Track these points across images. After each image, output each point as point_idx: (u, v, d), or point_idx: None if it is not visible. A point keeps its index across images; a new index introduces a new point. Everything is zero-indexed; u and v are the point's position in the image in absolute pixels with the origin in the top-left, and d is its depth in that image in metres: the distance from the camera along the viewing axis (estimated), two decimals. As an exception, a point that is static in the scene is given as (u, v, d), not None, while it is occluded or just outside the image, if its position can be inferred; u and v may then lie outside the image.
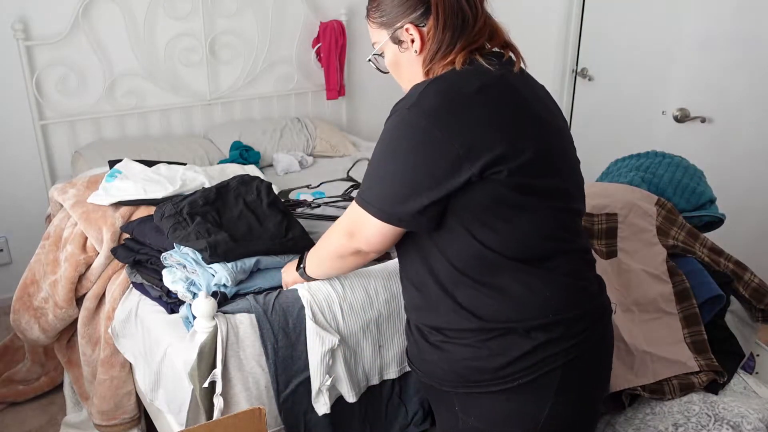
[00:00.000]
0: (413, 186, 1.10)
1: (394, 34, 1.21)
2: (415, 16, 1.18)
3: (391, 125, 1.14)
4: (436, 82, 1.12)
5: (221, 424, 1.22)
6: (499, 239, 1.12)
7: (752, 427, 1.54)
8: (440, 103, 1.09)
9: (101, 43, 2.83)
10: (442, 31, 1.15)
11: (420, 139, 1.09)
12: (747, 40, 2.53)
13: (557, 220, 1.16)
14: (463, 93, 1.10)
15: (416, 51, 1.19)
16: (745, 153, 2.68)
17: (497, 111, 1.10)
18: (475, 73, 1.13)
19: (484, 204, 1.10)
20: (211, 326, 1.45)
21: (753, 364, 1.95)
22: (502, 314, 1.14)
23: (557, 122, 1.22)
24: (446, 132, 1.07)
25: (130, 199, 2.08)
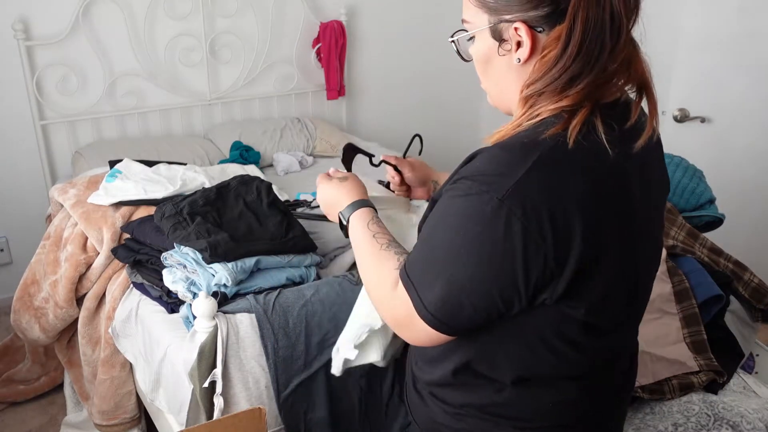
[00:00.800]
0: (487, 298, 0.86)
1: (498, 26, 0.88)
2: (534, 15, 0.84)
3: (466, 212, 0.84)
4: (541, 170, 0.81)
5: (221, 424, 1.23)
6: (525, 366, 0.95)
7: (752, 427, 1.54)
8: (544, 201, 0.80)
9: (101, 43, 2.83)
10: (573, 57, 0.81)
11: (514, 239, 0.81)
12: (747, 41, 2.53)
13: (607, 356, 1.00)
14: (568, 193, 0.81)
15: (519, 60, 0.87)
16: (745, 153, 2.68)
17: (598, 225, 0.83)
18: (587, 159, 0.83)
19: (540, 333, 0.91)
20: (211, 326, 1.45)
21: (753, 364, 1.95)
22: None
23: (656, 227, 0.99)
24: (545, 238, 0.81)
25: (131, 199, 2.08)
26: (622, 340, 1.02)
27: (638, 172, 0.89)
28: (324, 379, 1.51)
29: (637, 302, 0.99)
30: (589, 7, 0.80)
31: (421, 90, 3.80)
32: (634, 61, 0.87)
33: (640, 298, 1.00)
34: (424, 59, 3.70)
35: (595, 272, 0.85)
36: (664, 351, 1.71)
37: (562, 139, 0.82)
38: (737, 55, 2.56)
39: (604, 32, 0.81)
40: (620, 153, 0.85)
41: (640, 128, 0.89)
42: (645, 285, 1.00)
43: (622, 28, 0.82)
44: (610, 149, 0.83)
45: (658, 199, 0.98)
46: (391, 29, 3.60)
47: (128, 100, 2.96)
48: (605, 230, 0.84)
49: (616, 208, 0.85)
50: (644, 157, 0.90)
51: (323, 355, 1.51)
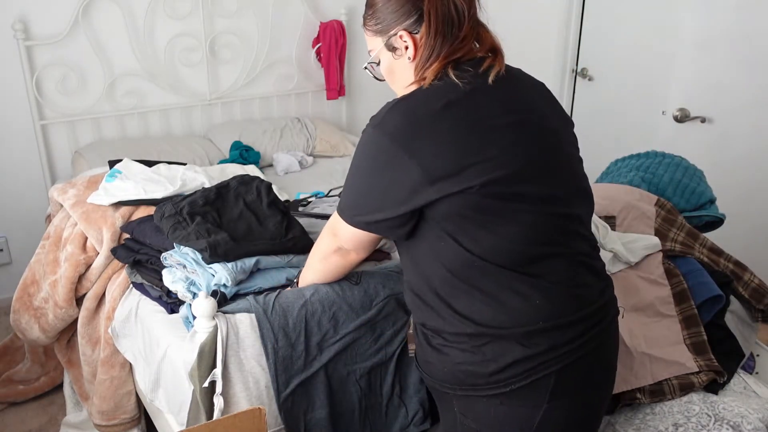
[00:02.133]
0: (376, 202, 1.16)
1: (389, 41, 1.22)
2: (408, 23, 1.19)
3: (360, 141, 1.19)
4: (401, 102, 1.15)
5: (221, 424, 1.23)
6: (482, 246, 1.13)
7: (752, 427, 1.54)
8: (403, 124, 1.11)
9: (101, 43, 2.83)
10: (434, 38, 1.17)
11: (381, 159, 1.13)
12: (747, 40, 2.53)
13: (544, 224, 1.15)
14: (426, 113, 1.12)
15: (410, 58, 1.21)
16: (745, 153, 2.68)
17: (459, 129, 1.11)
18: (442, 90, 1.14)
19: (460, 213, 1.12)
20: (211, 326, 1.45)
21: (753, 364, 1.95)
22: (494, 320, 1.14)
23: (545, 123, 1.20)
24: (408, 153, 1.10)
25: (130, 199, 2.08)
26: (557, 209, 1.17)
27: (500, 94, 1.16)
28: (324, 380, 1.51)
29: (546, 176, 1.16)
30: (438, 5, 1.16)
31: (421, 90, 3.80)
32: (482, 34, 1.22)
33: (547, 172, 1.17)
34: (424, 59, 3.70)
35: (461, 163, 1.09)
36: (664, 352, 1.71)
37: (421, 85, 1.17)
38: (737, 55, 2.56)
39: (451, 17, 1.17)
40: (474, 83, 1.14)
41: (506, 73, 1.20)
42: (548, 161, 1.17)
43: (464, 13, 1.18)
44: (460, 83, 1.14)
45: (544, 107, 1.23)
46: (391, 29, 3.60)
47: (128, 100, 2.96)
48: (468, 133, 1.10)
49: (473, 115, 1.12)
50: (512, 87, 1.19)
51: (323, 355, 1.51)
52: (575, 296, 1.17)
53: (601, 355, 1.22)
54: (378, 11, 1.23)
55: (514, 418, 1.18)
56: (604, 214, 1.92)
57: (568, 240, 1.19)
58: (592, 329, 1.18)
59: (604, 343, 1.23)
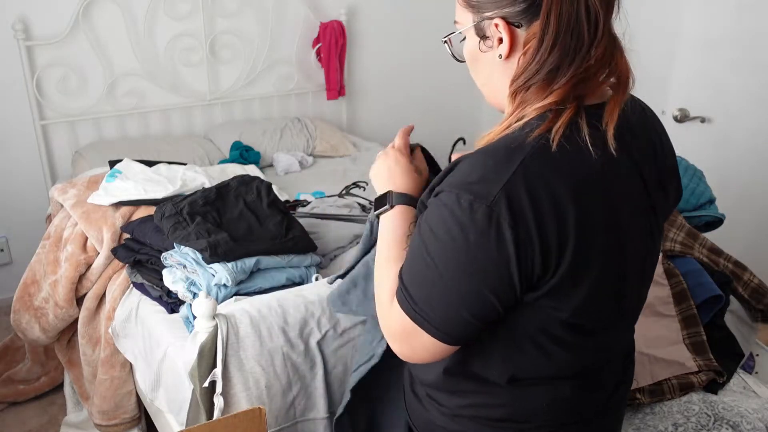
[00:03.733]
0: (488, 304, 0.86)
1: (481, 23, 0.91)
2: (511, 12, 0.87)
3: (457, 219, 0.83)
4: (520, 171, 0.81)
5: (221, 424, 1.23)
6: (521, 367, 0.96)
7: (752, 426, 1.54)
8: (531, 209, 0.80)
9: (101, 43, 2.83)
10: (549, 50, 0.83)
11: (505, 244, 0.81)
12: (747, 40, 2.53)
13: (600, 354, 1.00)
14: (552, 198, 0.81)
15: (501, 55, 0.90)
16: (745, 153, 2.68)
17: (579, 227, 0.83)
18: (571, 161, 0.84)
19: (526, 330, 0.92)
20: (211, 326, 1.45)
21: (752, 363, 1.95)
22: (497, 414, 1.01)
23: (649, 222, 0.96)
24: (532, 239, 0.81)
25: (131, 199, 2.08)
26: (613, 340, 1.02)
27: (626, 172, 0.90)
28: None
29: (625, 303, 0.98)
30: (563, 1, 0.82)
31: (421, 90, 3.80)
32: (615, 56, 0.89)
33: (630, 299, 0.99)
34: (423, 59, 3.70)
35: (581, 275, 0.85)
36: (663, 352, 1.71)
37: (545, 141, 0.83)
38: (738, 55, 2.56)
39: (580, 25, 0.83)
40: (604, 153, 0.85)
41: (631, 127, 0.91)
42: (635, 287, 0.99)
43: (599, 22, 0.83)
44: (593, 151, 0.83)
45: (655, 200, 0.97)
46: (391, 29, 3.60)
47: (128, 100, 2.96)
48: (589, 233, 0.84)
49: (600, 211, 0.85)
50: (630, 156, 0.91)
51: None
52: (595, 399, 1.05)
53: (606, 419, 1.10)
54: None
55: None
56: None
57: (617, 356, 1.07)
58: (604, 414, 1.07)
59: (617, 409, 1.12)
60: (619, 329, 1.02)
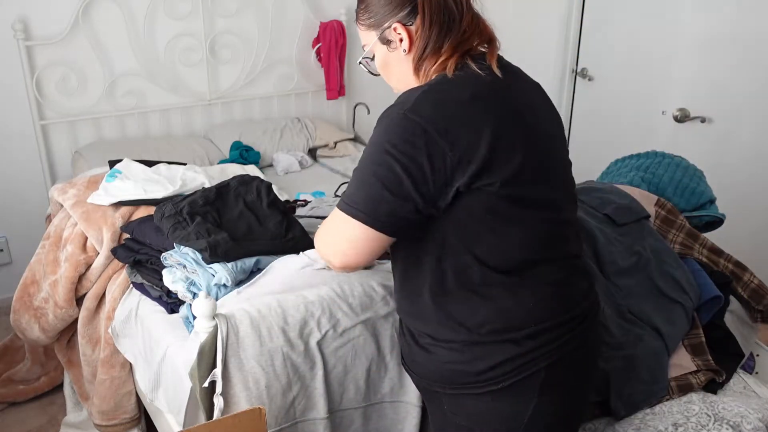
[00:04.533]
0: (406, 189, 1.08)
1: (383, 34, 1.21)
2: (402, 15, 1.17)
3: (384, 126, 1.10)
4: (429, 91, 1.10)
5: (221, 424, 1.23)
6: (490, 253, 1.13)
7: (752, 426, 1.54)
8: (436, 111, 1.07)
9: (101, 43, 2.83)
10: (429, 28, 1.15)
11: (416, 141, 1.06)
12: (747, 41, 2.53)
13: (544, 231, 1.16)
14: (456, 102, 1.09)
15: (405, 50, 1.19)
16: (745, 153, 2.68)
17: (488, 121, 1.08)
18: (466, 81, 1.13)
19: (476, 216, 1.11)
20: (211, 326, 1.45)
21: (753, 364, 1.95)
22: (487, 324, 1.15)
23: (548, 127, 1.21)
24: (442, 138, 1.06)
25: (130, 199, 2.08)
26: (555, 212, 1.17)
27: (513, 89, 1.17)
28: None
29: (552, 176, 1.18)
30: None
31: (421, 90, 3.79)
32: (481, 26, 1.20)
33: (556, 173, 1.20)
34: (424, 59, 3.70)
35: (501, 155, 1.08)
36: (664, 352, 1.71)
37: (443, 70, 1.14)
38: (738, 55, 2.56)
39: (449, 7, 1.16)
40: (492, 75, 1.13)
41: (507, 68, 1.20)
42: (552, 165, 1.19)
43: (463, 4, 1.17)
44: (482, 73, 1.13)
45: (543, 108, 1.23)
46: (391, 29, 3.60)
47: (128, 100, 2.96)
48: (494, 126, 1.08)
49: (498, 108, 1.11)
50: (519, 85, 1.20)
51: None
52: (566, 297, 1.20)
53: (586, 350, 1.25)
54: (370, 5, 1.22)
55: (504, 414, 1.19)
56: (604, 214, 1.91)
57: (561, 243, 1.21)
58: (579, 326, 1.21)
59: (588, 338, 1.25)
60: (556, 201, 1.18)
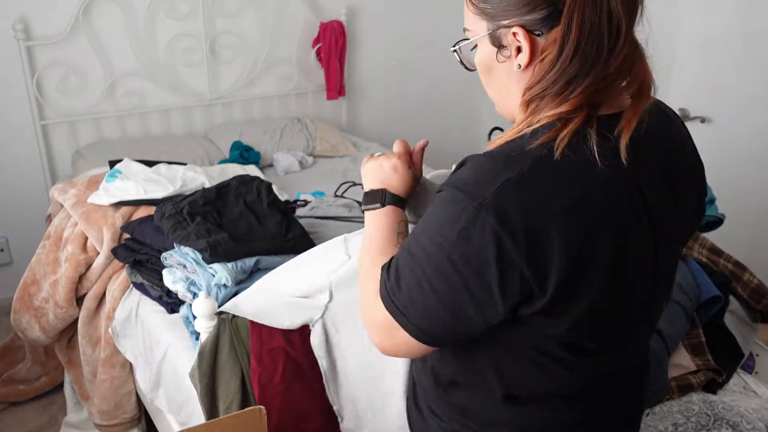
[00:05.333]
0: (463, 309, 0.83)
1: (497, 32, 0.86)
2: (531, 19, 0.82)
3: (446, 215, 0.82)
4: (521, 182, 0.78)
5: (221, 424, 1.23)
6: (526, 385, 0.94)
7: (752, 426, 1.54)
8: (522, 218, 0.77)
9: (101, 43, 2.83)
10: (570, 58, 0.79)
11: (487, 254, 0.78)
12: (747, 40, 2.53)
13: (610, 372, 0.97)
14: (549, 210, 0.78)
15: (520, 66, 0.84)
16: (745, 153, 2.68)
17: (580, 239, 0.79)
18: (573, 173, 0.79)
19: (521, 347, 0.90)
20: (211, 326, 1.45)
21: (753, 363, 1.95)
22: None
23: (670, 228, 0.91)
24: (521, 253, 0.78)
25: (131, 199, 2.08)
26: (616, 362, 0.96)
27: (639, 187, 0.84)
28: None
29: (631, 324, 0.93)
30: (585, 7, 0.77)
31: (421, 90, 3.80)
32: (636, 64, 0.84)
33: (637, 321, 0.94)
34: (423, 59, 3.70)
35: (576, 292, 0.81)
36: (664, 352, 1.71)
37: (548, 150, 0.79)
38: (738, 55, 2.56)
39: (602, 33, 0.79)
40: (614, 162, 0.80)
41: (651, 138, 0.86)
42: (643, 307, 0.93)
43: (621, 29, 0.79)
44: (600, 161, 0.79)
45: (672, 214, 0.92)
46: (391, 29, 3.60)
47: (128, 100, 2.96)
48: (589, 249, 0.80)
49: (604, 225, 0.81)
50: (649, 160, 0.87)
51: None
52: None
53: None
54: None
55: None
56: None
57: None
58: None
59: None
60: (626, 351, 0.96)
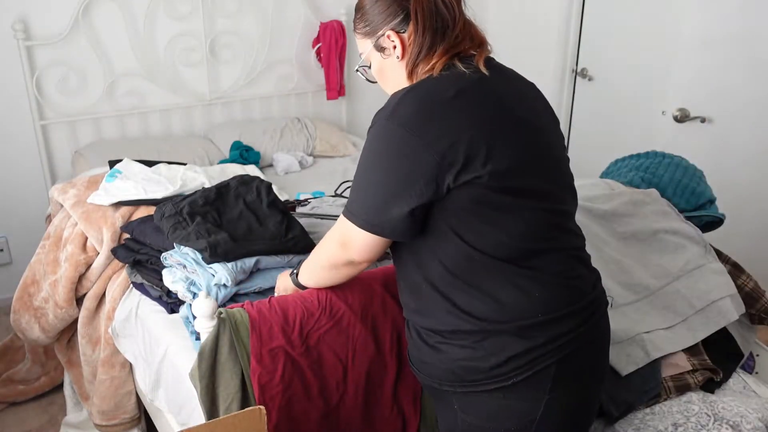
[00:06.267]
0: (394, 195, 1.13)
1: (378, 41, 1.24)
2: (395, 23, 1.21)
3: (371, 135, 1.17)
4: (412, 90, 1.15)
5: (221, 424, 1.23)
6: (485, 241, 1.14)
7: (752, 426, 1.54)
8: (416, 111, 1.11)
9: (101, 43, 2.83)
10: (422, 35, 1.19)
11: (398, 148, 1.11)
12: (747, 40, 2.53)
13: (541, 220, 1.17)
14: (439, 99, 1.12)
15: (398, 57, 1.22)
16: (745, 153, 2.68)
17: (473, 116, 1.12)
18: (451, 79, 1.16)
19: (466, 207, 1.13)
20: (211, 326, 1.45)
21: (753, 364, 1.95)
22: (494, 315, 1.16)
23: (541, 121, 1.24)
24: (423, 141, 1.09)
25: (130, 199, 2.08)
26: (551, 201, 1.19)
27: (503, 86, 1.20)
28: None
29: (547, 165, 1.21)
30: (424, 3, 1.18)
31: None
32: (472, 31, 1.24)
33: (544, 168, 1.20)
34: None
35: (491, 147, 1.10)
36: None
37: (430, 74, 1.18)
38: (738, 55, 2.56)
39: (441, 13, 1.19)
40: (479, 73, 1.17)
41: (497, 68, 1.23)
42: (544, 157, 1.21)
43: (455, 9, 1.20)
44: (469, 71, 1.16)
45: (537, 104, 1.26)
46: (391, 29, 3.60)
47: (128, 100, 2.96)
48: (481, 120, 1.11)
49: (484, 103, 1.14)
50: (511, 83, 1.23)
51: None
52: (571, 288, 1.20)
53: (595, 344, 1.25)
54: (366, 13, 1.25)
55: (516, 411, 1.19)
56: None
57: (562, 234, 1.22)
58: (588, 320, 1.21)
59: (599, 333, 1.26)
60: (552, 192, 1.20)
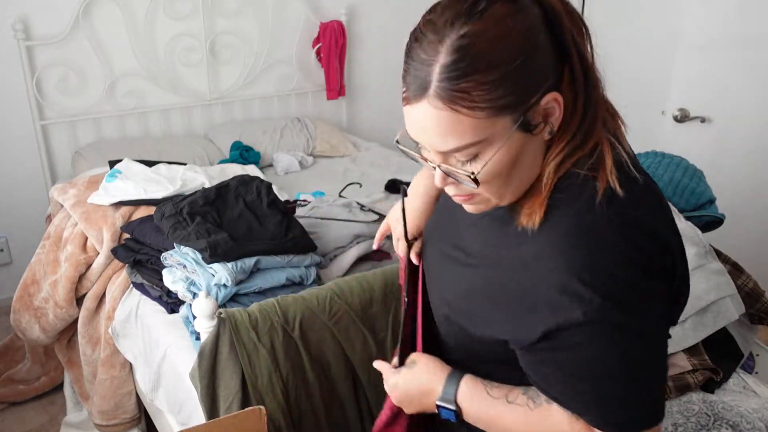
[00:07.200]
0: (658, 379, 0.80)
1: (526, 115, 0.72)
2: (553, 79, 0.73)
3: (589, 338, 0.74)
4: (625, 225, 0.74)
5: (221, 424, 1.23)
6: None
7: (752, 426, 1.54)
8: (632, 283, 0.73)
9: (101, 43, 2.83)
10: (582, 98, 0.76)
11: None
12: (747, 40, 2.53)
13: None
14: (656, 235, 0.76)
15: (552, 131, 0.75)
16: (745, 153, 2.68)
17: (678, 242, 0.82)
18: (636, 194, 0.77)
19: None
20: (211, 326, 1.45)
21: (753, 363, 1.95)
22: None
23: None
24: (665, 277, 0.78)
25: (131, 199, 2.08)
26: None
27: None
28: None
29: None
30: (583, 46, 0.76)
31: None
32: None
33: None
34: (424, 59, 3.70)
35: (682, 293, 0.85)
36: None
37: (610, 193, 0.74)
38: (738, 55, 2.56)
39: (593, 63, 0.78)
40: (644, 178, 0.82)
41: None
42: None
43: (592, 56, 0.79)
44: (640, 177, 0.79)
45: None
46: (391, 29, 3.60)
47: (128, 100, 2.96)
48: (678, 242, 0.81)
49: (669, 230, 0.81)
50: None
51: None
52: None
53: None
54: (509, 74, 0.70)
55: None
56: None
57: None
58: None
59: None
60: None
